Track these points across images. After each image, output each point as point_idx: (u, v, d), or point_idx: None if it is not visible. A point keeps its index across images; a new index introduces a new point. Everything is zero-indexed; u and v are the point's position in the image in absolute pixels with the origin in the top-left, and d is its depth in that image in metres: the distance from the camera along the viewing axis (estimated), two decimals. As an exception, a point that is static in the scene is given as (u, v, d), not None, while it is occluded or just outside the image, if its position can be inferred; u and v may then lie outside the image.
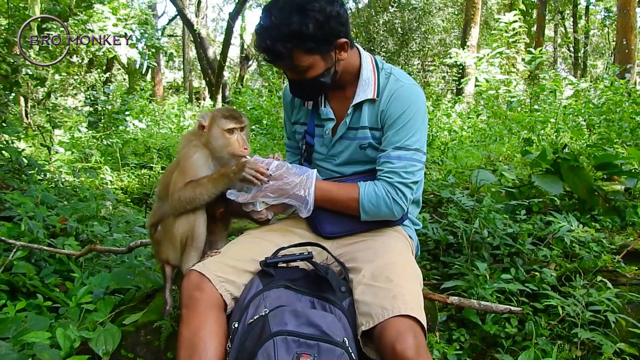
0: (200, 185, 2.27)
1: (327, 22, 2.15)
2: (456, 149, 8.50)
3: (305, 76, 2.27)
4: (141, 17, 18.42)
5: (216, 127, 2.36)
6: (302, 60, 2.20)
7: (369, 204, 2.30)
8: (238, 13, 17.61)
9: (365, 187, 2.31)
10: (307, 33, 2.11)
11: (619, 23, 14.77)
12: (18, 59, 6.79)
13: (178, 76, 38.02)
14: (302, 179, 2.28)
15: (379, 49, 22.91)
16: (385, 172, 2.30)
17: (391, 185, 2.28)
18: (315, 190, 2.28)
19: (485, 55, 13.59)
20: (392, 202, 2.28)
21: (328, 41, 2.21)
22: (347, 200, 2.33)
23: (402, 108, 2.33)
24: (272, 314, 1.90)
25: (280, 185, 2.25)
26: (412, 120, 2.33)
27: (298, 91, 2.45)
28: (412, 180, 2.31)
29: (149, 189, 7.02)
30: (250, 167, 2.19)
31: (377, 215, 2.34)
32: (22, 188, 4.81)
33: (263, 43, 2.17)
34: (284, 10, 2.13)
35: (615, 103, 8.76)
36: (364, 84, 2.41)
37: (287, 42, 2.12)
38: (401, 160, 2.29)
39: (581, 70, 28.48)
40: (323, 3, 2.14)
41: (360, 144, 2.44)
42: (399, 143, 2.31)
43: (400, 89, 2.37)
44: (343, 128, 2.46)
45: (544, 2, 24.17)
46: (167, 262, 2.47)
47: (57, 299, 3.01)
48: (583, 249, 3.52)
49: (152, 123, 13.57)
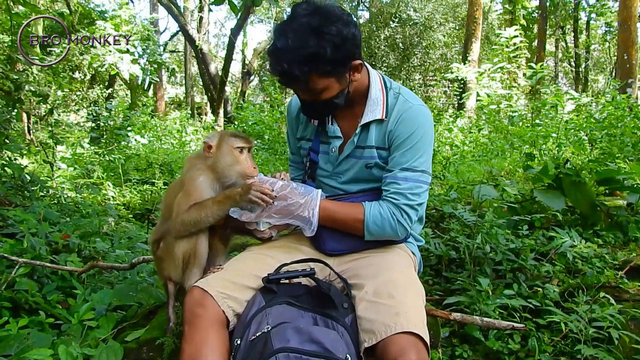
0: (205, 208, 2.26)
1: (343, 45, 2.14)
2: (458, 164, 8.51)
3: (320, 98, 2.26)
4: (143, 33, 18.50)
5: (225, 145, 2.37)
6: (317, 83, 2.19)
7: (373, 225, 2.30)
8: (240, 29, 17.68)
9: (371, 208, 2.32)
10: (324, 56, 2.09)
11: (620, 38, 14.81)
12: (21, 76, 6.82)
13: (180, 91, 38.07)
14: (307, 200, 2.28)
15: (381, 64, 23.01)
16: (392, 193, 2.31)
17: (397, 207, 2.29)
18: (319, 210, 2.29)
19: (486, 70, 13.64)
20: (397, 223, 2.29)
21: (343, 64, 2.21)
22: (352, 222, 2.34)
23: (411, 130, 2.34)
24: (274, 330, 1.89)
25: (285, 205, 2.25)
26: (419, 142, 2.33)
27: (310, 112, 2.45)
28: (418, 202, 2.31)
29: (151, 205, 7.02)
30: (257, 189, 2.20)
31: (381, 236, 2.35)
32: (24, 204, 4.82)
33: (279, 66, 2.13)
34: (301, 33, 2.09)
35: (617, 118, 8.77)
36: (373, 103, 2.41)
37: (304, 66, 2.10)
38: (408, 182, 2.30)
39: (582, 84, 28.53)
40: (340, 25, 2.13)
41: (367, 163, 2.44)
42: (406, 164, 2.32)
43: (408, 110, 2.38)
44: (350, 146, 2.46)
45: (545, 17, 24.24)
46: (169, 279, 2.46)
47: (59, 316, 3.01)
48: (586, 264, 3.51)
49: (154, 138, 13.60)
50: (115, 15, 15.09)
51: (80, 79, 15.84)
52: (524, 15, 22.05)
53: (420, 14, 23.58)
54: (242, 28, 19.51)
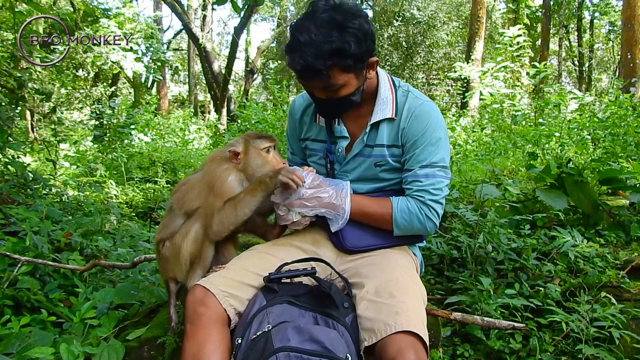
0: (239, 201, 2.28)
1: (365, 40, 2.16)
2: (461, 163, 8.49)
3: (337, 94, 2.26)
4: (147, 31, 18.50)
5: (252, 149, 2.40)
6: (338, 79, 2.19)
7: (402, 220, 2.34)
8: (243, 27, 17.67)
9: (398, 202, 2.35)
10: (348, 51, 2.11)
11: (623, 37, 14.78)
12: (24, 74, 6.83)
13: (183, 90, 38.11)
14: (338, 190, 2.31)
15: (384, 62, 23.00)
16: (415, 191, 2.33)
17: (424, 203, 2.32)
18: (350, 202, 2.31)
19: (489, 69, 13.65)
20: (425, 218, 2.32)
21: (363, 59, 2.22)
22: (381, 215, 2.37)
23: (425, 126, 2.35)
24: (275, 329, 1.90)
25: (317, 193, 2.26)
26: (435, 138, 2.35)
27: (325, 110, 2.45)
28: (442, 196, 2.35)
29: (154, 203, 7.03)
30: (286, 171, 2.22)
31: (409, 231, 2.38)
32: (27, 203, 4.82)
33: (302, 60, 2.11)
34: (324, 27, 2.10)
35: (620, 117, 8.76)
36: (382, 102, 2.43)
37: (328, 60, 2.10)
38: (429, 178, 2.33)
39: (586, 84, 28.50)
40: (362, 21, 2.15)
41: (376, 162, 2.45)
42: (426, 161, 2.34)
43: (420, 106, 2.40)
44: (359, 145, 2.47)
45: (548, 16, 24.21)
46: (172, 278, 2.47)
47: (61, 314, 3.01)
48: (587, 264, 3.51)
49: (157, 137, 13.61)
50: (119, 13, 15.11)
51: (83, 77, 15.84)
52: (527, 14, 22.03)
53: (424, 12, 23.54)
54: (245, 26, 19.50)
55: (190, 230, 2.40)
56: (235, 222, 2.30)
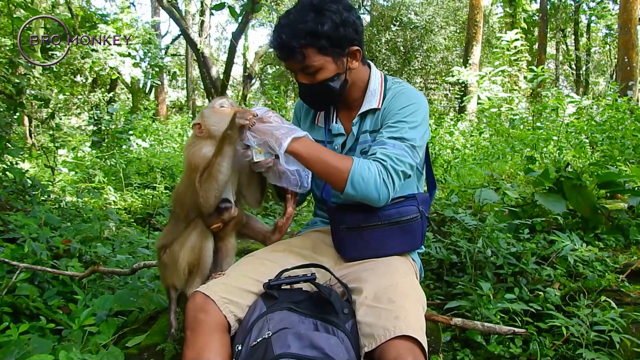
0: (212, 165, 2.26)
1: (342, 25, 2.23)
2: (459, 167, 8.50)
3: (316, 79, 2.31)
4: (145, 37, 18.52)
5: (208, 110, 2.44)
6: (314, 60, 2.25)
7: (358, 178, 2.19)
8: (241, 32, 17.66)
9: (360, 161, 2.24)
10: (321, 31, 2.18)
11: (620, 41, 14.83)
12: (22, 80, 6.83)
13: (181, 95, 38.12)
14: (290, 129, 2.23)
15: (382, 67, 23.03)
16: (379, 155, 2.26)
17: (384, 167, 2.23)
18: (306, 142, 2.24)
19: (487, 73, 13.67)
20: (382, 183, 2.21)
21: (341, 45, 2.27)
22: (337, 168, 2.22)
23: (403, 104, 2.37)
24: (275, 336, 1.89)
25: (266, 125, 2.22)
26: (411, 117, 2.34)
27: (308, 97, 2.48)
28: (403, 169, 2.26)
29: (153, 209, 7.01)
30: (241, 113, 2.20)
31: (361, 194, 2.23)
32: (25, 209, 4.81)
33: (278, 38, 2.24)
34: (302, 10, 2.23)
35: (618, 120, 8.78)
36: (370, 94, 2.47)
37: (302, 39, 2.19)
38: (395, 148, 2.27)
39: (583, 87, 28.58)
40: (340, 7, 2.23)
41: (361, 149, 2.46)
42: (396, 134, 2.31)
43: (403, 90, 2.44)
44: (351, 140, 2.51)
45: (546, 20, 24.28)
46: (172, 286, 2.47)
47: (60, 321, 3.00)
48: (587, 268, 3.51)
49: (155, 142, 13.60)
50: (117, 19, 15.14)
51: (81, 83, 15.87)
52: (524, 18, 22.06)
53: (421, 17, 23.59)
54: (243, 32, 19.51)
55: (188, 238, 2.40)
56: (218, 187, 2.29)
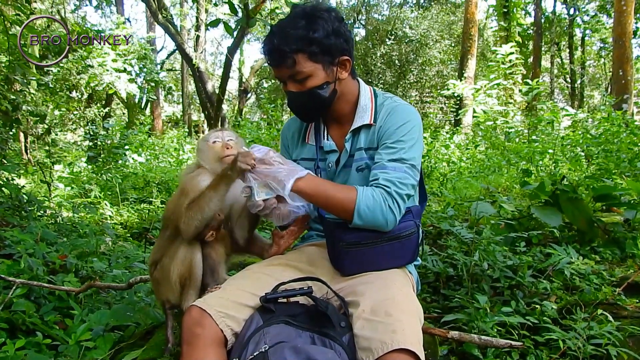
0: (204, 197, 2.27)
1: (333, 34, 2.27)
2: (455, 180, 8.52)
3: (305, 86, 2.32)
4: (140, 52, 18.57)
5: (202, 143, 2.49)
6: (304, 66, 2.26)
7: (364, 208, 2.22)
8: (236, 47, 17.73)
9: (364, 190, 2.25)
10: (312, 37, 2.22)
11: (615, 54, 14.92)
12: (18, 96, 6.84)
13: (177, 110, 38.15)
14: (291, 169, 2.22)
15: (377, 81, 23.12)
16: (382, 180, 2.27)
17: (389, 194, 2.24)
18: (309, 180, 2.25)
19: (482, 86, 13.74)
20: (388, 210, 2.23)
21: (331, 53, 2.29)
22: (342, 201, 2.25)
23: (398, 123, 2.37)
24: (272, 350, 1.89)
25: (268, 167, 2.20)
26: (408, 135, 2.35)
27: (296, 105, 2.46)
28: (407, 192, 2.28)
29: (149, 224, 7.00)
30: (242, 157, 2.18)
31: (369, 222, 2.25)
32: (22, 225, 4.81)
33: (270, 43, 2.27)
34: (294, 17, 2.27)
35: (613, 134, 8.81)
36: (362, 110, 2.47)
37: (293, 44, 2.22)
38: (397, 171, 2.28)
39: (578, 100, 28.72)
40: (332, 17, 2.29)
41: (357, 167, 2.45)
42: (395, 156, 2.32)
43: (396, 107, 2.43)
44: (345, 156, 2.49)
45: (540, 33, 24.43)
46: (167, 301, 2.47)
47: (56, 337, 2.99)
48: (583, 281, 3.51)
49: (151, 157, 13.60)
50: (113, 34, 15.18)
51: (77, 98, 15.89)
52: (519, 32, 22.17)
53: (416, 31, 23.70)
54: (238, 46, 19.59)
55: (177, 251, 2.40)
56: (202, 219, 2.28)
